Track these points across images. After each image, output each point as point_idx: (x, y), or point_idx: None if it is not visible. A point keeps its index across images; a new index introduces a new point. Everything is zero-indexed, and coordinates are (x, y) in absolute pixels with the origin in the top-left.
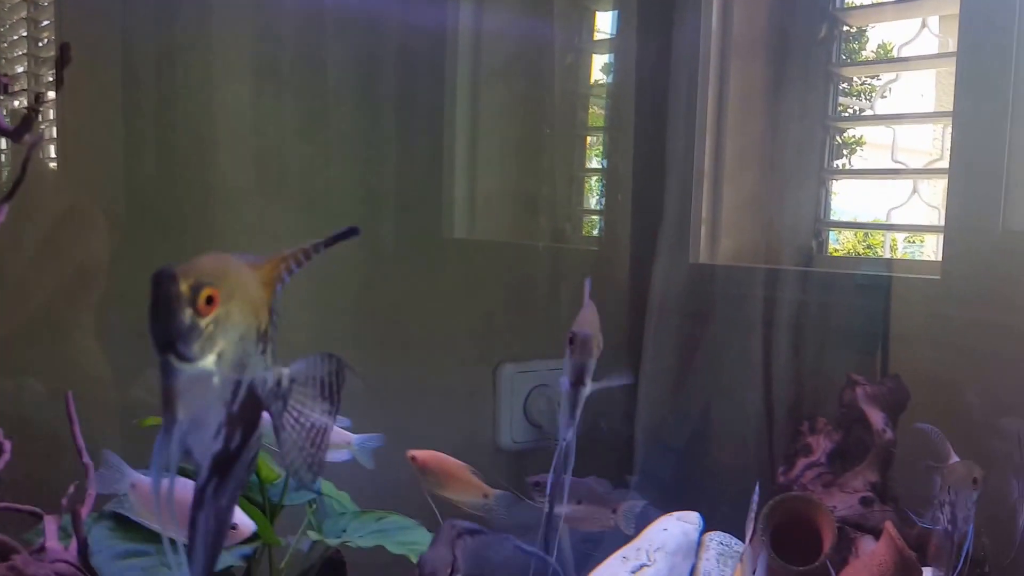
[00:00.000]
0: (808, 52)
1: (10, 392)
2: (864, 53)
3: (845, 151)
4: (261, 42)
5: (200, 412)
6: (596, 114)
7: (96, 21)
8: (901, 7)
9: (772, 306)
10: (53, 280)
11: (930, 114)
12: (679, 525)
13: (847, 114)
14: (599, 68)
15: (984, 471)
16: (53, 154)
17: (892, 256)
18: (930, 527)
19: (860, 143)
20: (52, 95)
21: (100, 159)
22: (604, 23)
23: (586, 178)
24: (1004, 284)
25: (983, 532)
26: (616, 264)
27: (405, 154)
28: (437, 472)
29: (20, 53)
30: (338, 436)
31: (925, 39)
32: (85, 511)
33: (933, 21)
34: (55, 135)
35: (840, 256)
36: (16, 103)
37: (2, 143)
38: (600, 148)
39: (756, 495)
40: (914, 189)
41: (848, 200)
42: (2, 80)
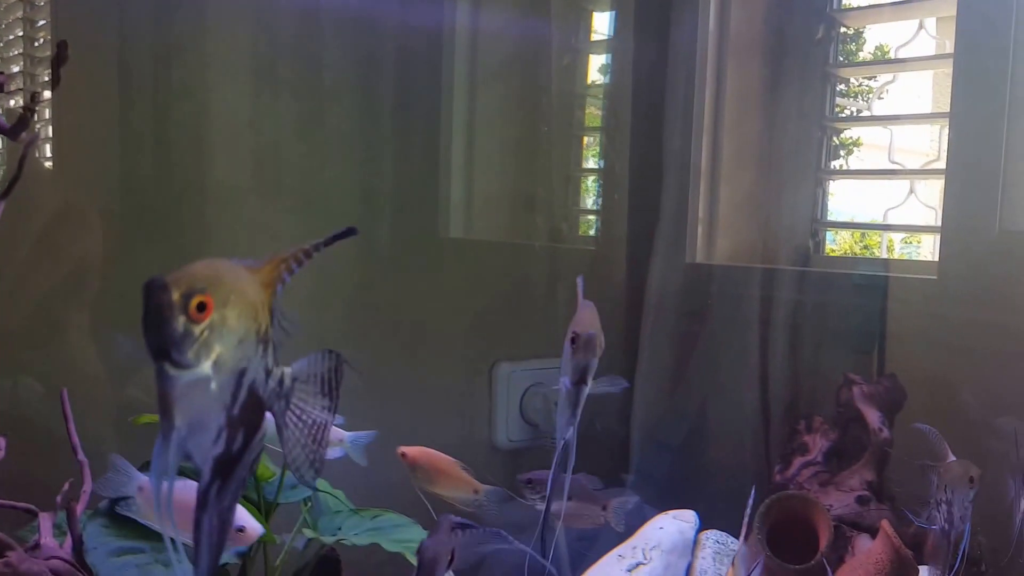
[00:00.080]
0: (805, 53)
1: (5, 390)
2: (861, 55)
3: (842, 152)
4: (258, 42)
5: (199, 417)
6: (593, 115)
7: (92, 21)
8: (898, 8)
9: (769, 306)
10: (48, 278)
11: (927, 115)
12: (675, 524)
13: (844, 115)
14: (596, 69)
15: (980, 470)
16: (49, 153)
17: (889, 257)
18: (926, 527)
19: (857, 144)
20: (48, 94)
21: (96, 158)
22: (601, 24)
23: (583, 178)
24: (1001, 284)
25: (979, 531)
26: (613, 263)
27: (402, 154)
28: (427, 468)
29: (16, 53)
30: (331, 433)
31: (922, 41)
32: (80, 508)
33: (930, 23)
34: (51, 134)
35: (837, 256)
36: (12, 102)
37: None
38: (597, 148)
39: (752, 499)
40: (911, 190)
41: (845, 201)
42: None
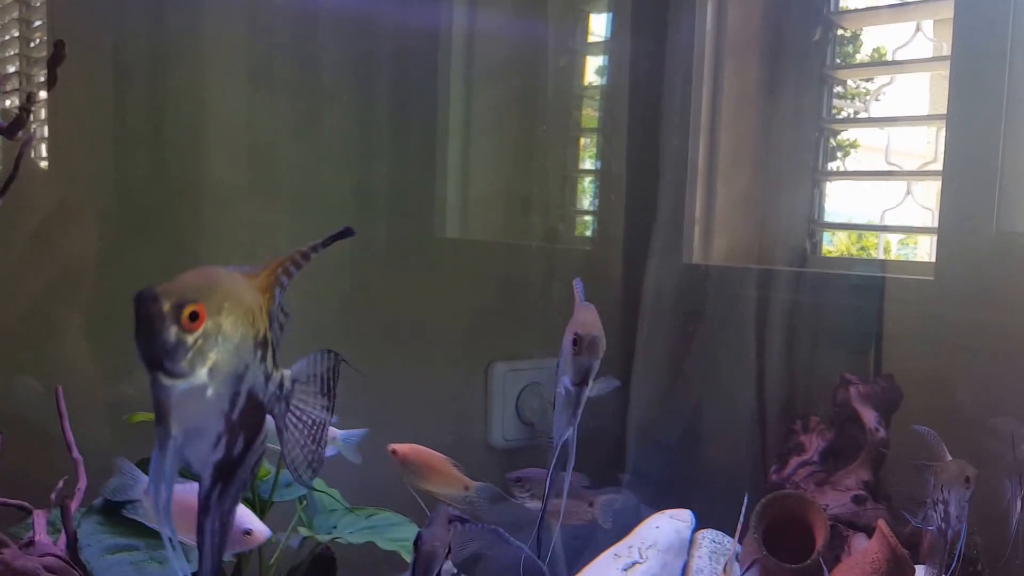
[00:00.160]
0: (802, 54)
1: (0, 388)
2: (858, 57)
3: (839, 153)
4: (255, 42)
5: (196, 424)
6: (590, 115)
7: (88, 21)
8: (896, 11)
9: (765, 306)
10: (44, 277)
11: (924, 117)
12: (671, 523)
13: (841, 117)
14: (593, 70)
15: (977, 470)
16: (45, 153)
17: (886, 258)
18: (922, 527)
19: (854, 145)
20: (44, 95)
21: (92, 158)
22: (598, 25)
23: (579, 179)
24: (998, 285)
25: (976, 531)
26: (609, 264)
27: (399, 154)
28: (418, 465)
29: (12, 53)
30: None
31: (919, 43)
32: (75, 505)
33: (927, 25)
34: (47, 134)
35: (834, 257)
36: (8, 103)
37: None
38: (594, 149)
39: (745, 505)
40: (908, 191)
41: (842, 202)
42: None
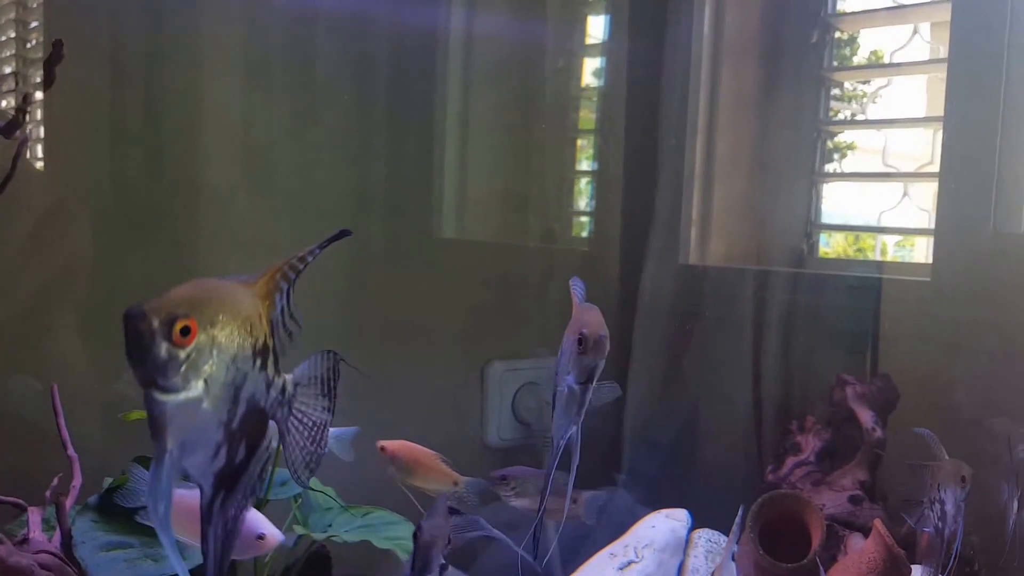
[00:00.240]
0: (800, 57)
1: None
2: (856, 60)
3: (836, 155)
4: (251, 42)
5: (193, 437)
6: (587, 117)
7: (85, 22)
8: (893, 13)
9: (762, 307)
10: (40, 276)
11: (921, 119)
12: (667, 522)
13: (839, 118)
14: (591, 72)
15: (973, 470)
16: (40, 153)
17: (883, 259)
18: (922, 529)
19: (851, 147)
20: (40, 95)
21: (88, 158)
22: (596, 27)
23: (577, 180)
24: (995, 286)
25: (972, 531)
26: (606, 264)
27: (397, 155)
28: (407, 461)
29: (9, 54)
30: None
31: (916, 45)
32: (69, 503)
33: (924, 28)
34: (42, 135)
35: (831, 258)
36: (3, 103)
37: None
38: (591, 150)
39: (740, 515)
40: (905, 192)
41: (839, 204)
42: None
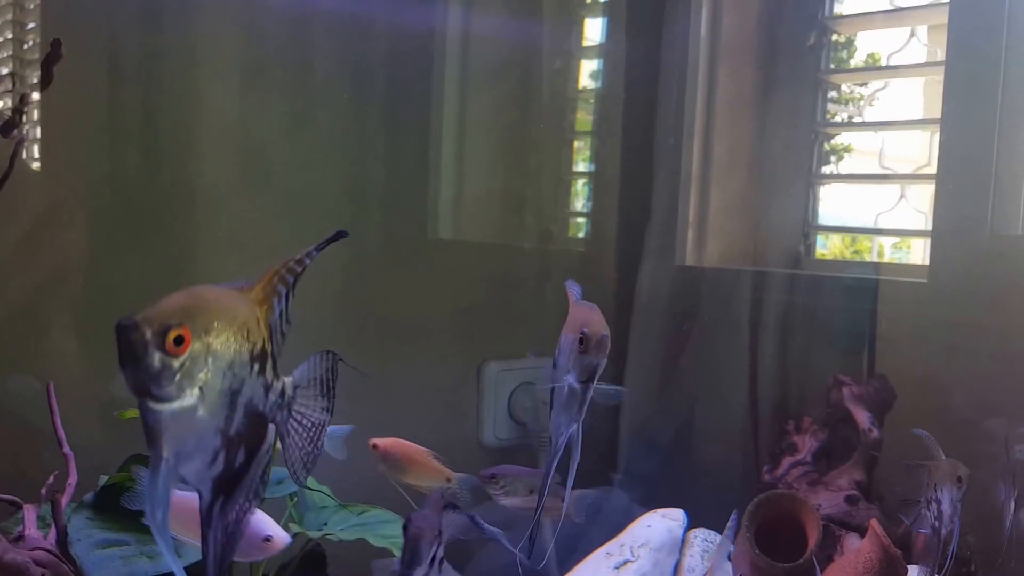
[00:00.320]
0: (797, 59)
1: None
2: (853, 63)
3: (833, 158)
4: (248, 43)
5: (189, 445)
6: (584, 118)
7: (82, 23)
8: (890, 16)
9: (759, 308)
10: (36, 275)
11: (918, 121)
12: (663, 522)
13: (836, 120)
14: (587, 74)
15: (969, 470)
16: (37, 154)
17: (879, 261)
18: (915, 528)
19: (848, 150)
20: (36, 96)
21: (85, 158)
22: (594, 29)
23: (573, 181)
24: (992, 287)
25: (969, 532)
26: (603, 265)
27: (393, 155)
28: (400, 458)
29: (6, 55)
30: None
31: (913, 48)
32: (65, 501)
33: (922, 30)
34: (39, 135)
35: (828, 260)
36: (0, 104)
37: None
38: (588, 152)
39: (733, 520)
40: (902, 194)
41: (836, 206)
42: None
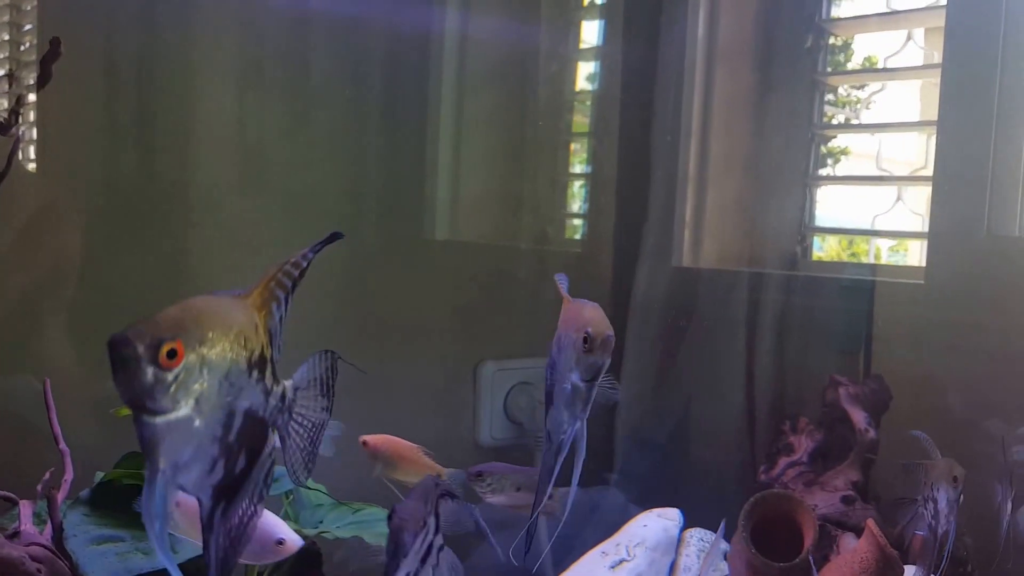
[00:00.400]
0: (794, 61)
1: None
2: (850, 65)
3: (830, 160)
4: (246, 44)
5: (186, 455)
6: (581, 120)
7: (79, 24)
8: (887, 19)
9: (755, 309)
10: (33, 274)
11: (915, 123)
12: (659, 521)
13: (833, 123)
14: (585, 75)
15: (964, 470)
16: (33, 155)
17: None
18: (910, 529)
19: (845, 152)
20: (33, 97)
21: (81, 159)
22: (591, 31)
23: (570, 182)
24: (989, 288)
25: (966, 532)
26: (600, 266)
27: (390, 156)
28: (390, 455)
29: (2, 56)
30: None
31: (910, 51)
32: (61, 497)
33: (918, 33)
34: (35, 136)
35: (825, 261)
36: None
37: None
38: (585, 153)
39: (722, 528)
40: (898, 196)
41: (833, 208)
42: None
